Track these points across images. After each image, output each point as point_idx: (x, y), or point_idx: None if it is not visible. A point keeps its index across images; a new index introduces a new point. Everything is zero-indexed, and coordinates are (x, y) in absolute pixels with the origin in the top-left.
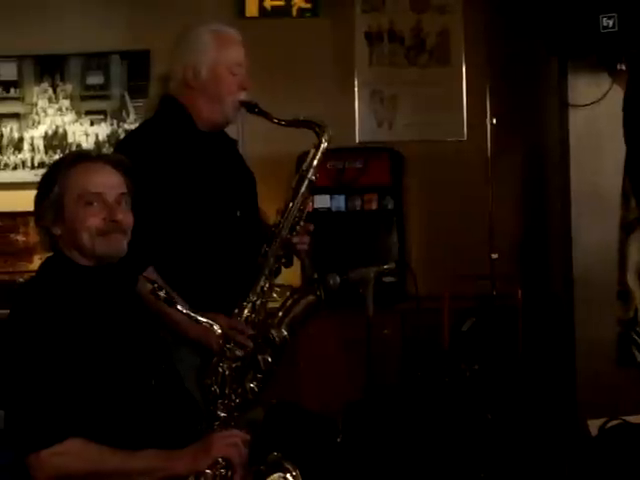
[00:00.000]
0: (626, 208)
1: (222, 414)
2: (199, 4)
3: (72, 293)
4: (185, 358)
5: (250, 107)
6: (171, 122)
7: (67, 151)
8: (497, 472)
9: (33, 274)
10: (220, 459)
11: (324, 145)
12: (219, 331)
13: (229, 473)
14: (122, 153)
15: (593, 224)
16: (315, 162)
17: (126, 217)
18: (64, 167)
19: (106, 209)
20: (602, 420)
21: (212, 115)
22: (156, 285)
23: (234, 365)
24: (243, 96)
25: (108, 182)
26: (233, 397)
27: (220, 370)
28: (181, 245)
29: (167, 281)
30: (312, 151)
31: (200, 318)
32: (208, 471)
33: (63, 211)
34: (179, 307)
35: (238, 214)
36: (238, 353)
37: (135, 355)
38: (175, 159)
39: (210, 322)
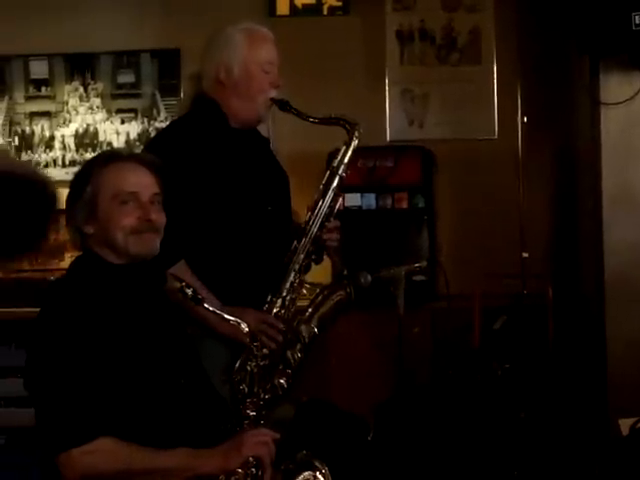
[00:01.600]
0: None
1: (251, 413)
2: (230, 2)
3: (103, 291)
4: (212, 353)
5: (282, 105)
6: (204, 119)
7: (98, 149)
8: (530, 470)
9: (64, 272)
10: (251, 458)
11: (355, 142)
12: (246, 329)
13: (259, 472)
14: (156, 150)
15: (624, 223)
16: (346, 159)
17: (159, 216)
18: (97, 166)
19: (140, 208)
20: (633, 419)
21: (244, 113)
22: (184, 283)
23: (262, 363)
24: (275, 94)
25: (142, 182)
26: (262, 395)
27: (248, 368)
28: (212, 240)
29: (198, 275)
30: (343, 148)
31: (227, 316)
32: (239, 470)
33: (96, 210)
34: (206, 305)
35: (269, 210)
36: (267, 349)
37: (164, 354)
38: (208, 155)
39: (237, 320)
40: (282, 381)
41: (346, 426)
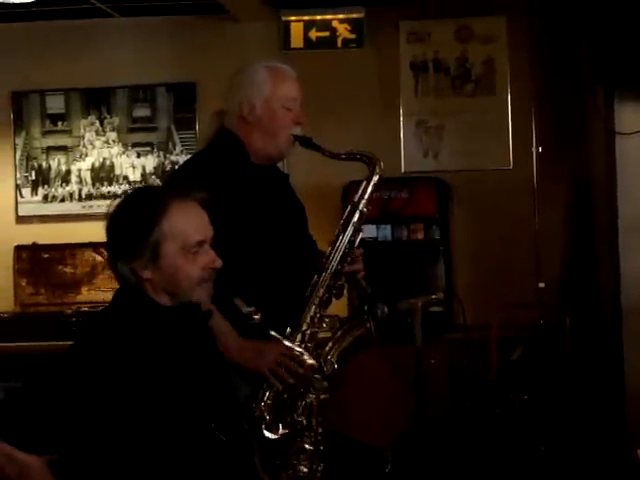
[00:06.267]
0: None
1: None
2: (244, 36)
3: (153, 335)
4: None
5: (304, 141)
6: (225, 154)
7: (114, 183)
8: None
9: (81, 306)
10: None
11: (376, 178)
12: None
13: None
14: (176, 182)
15: None
16: (367, 195)
17: (220, 261)
18: (159, 208)
19: (207, 257)
20: None
21: (266, 149)
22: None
23: (284, 396)
24: (297, 131)
25: (204, 227)
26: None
27: (269, 402)
28: (234, 276)
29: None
30: (364, 183)
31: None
32: None
33: (159, 257)
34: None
35: (290, 246)
36: (285, 383)
37: (199, 398)
38: (228, 191)
39: None
40: (302, 417)
41: (363, 459)
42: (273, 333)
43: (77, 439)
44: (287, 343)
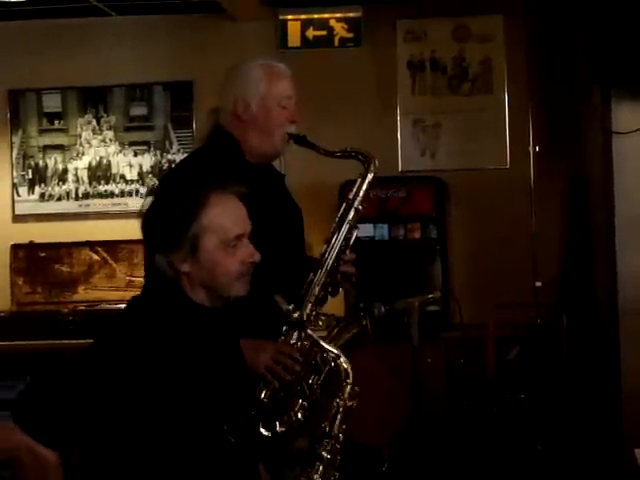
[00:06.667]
0: None
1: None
2: (241, 34)
3: (178, 331)
4: None
5: (299, 139)
6: (220, 153)
7: (111, 182)
8: None
9: (78, 305)
10: None
11: (371, 175)
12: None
13: None
14: (171, 182)
15: (637, 251)
16: (362, 192)
17: (258, 255)
18: (198, 201)
19: (246, 251)
20: None
21: (261, 147)
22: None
23: (281, 394)
24: (292, 129)
25: (243, 220)
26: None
27: (265, 400)
28: None
29: None
30: (358, 181)
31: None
32: None
33: (198, 251)
34: None
35: (285, 246)
36: (282, 380)
37: (216, 399)
38: None
39: None
40: (299, 415)
41: (361, 458)
42: (310, 332)
43: (94, 431)
44: (325, 344)
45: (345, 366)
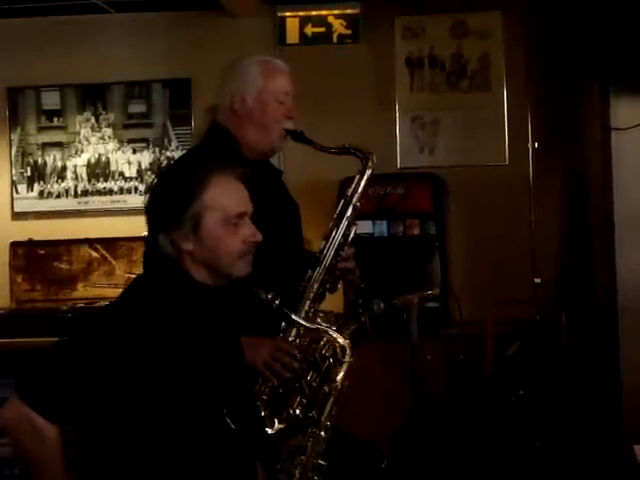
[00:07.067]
0: None
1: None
2: (240, 31)
3: (179, 308)
4: None
5: (296, 135)
6: (218, 150)
7: (110, 179)
8: None
9: (77, 302)
10: None
11: (369, 172)
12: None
13: None
14: (168, 179)
15: (636, 248)
16: (360, 189)
17: (260, 235)
18: (200, 181)
19: (248, 230)
20: None
21: (258, 143)
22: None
23: (280, 390)
24: (289, 125)
25: (244, 200)
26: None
27: (264, 397)
28: None
29: None
30: (357, 177)
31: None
32: None
33: (199, 229)
34: None
35: (283, 242)
36: (281, 377)
37: (217, 381)
38: None
39: None
40: (298, 412)
41: (360, 454)
42: (294, 317)
43: (94, 407)
44: (304, 323)
45: (341, 341)
